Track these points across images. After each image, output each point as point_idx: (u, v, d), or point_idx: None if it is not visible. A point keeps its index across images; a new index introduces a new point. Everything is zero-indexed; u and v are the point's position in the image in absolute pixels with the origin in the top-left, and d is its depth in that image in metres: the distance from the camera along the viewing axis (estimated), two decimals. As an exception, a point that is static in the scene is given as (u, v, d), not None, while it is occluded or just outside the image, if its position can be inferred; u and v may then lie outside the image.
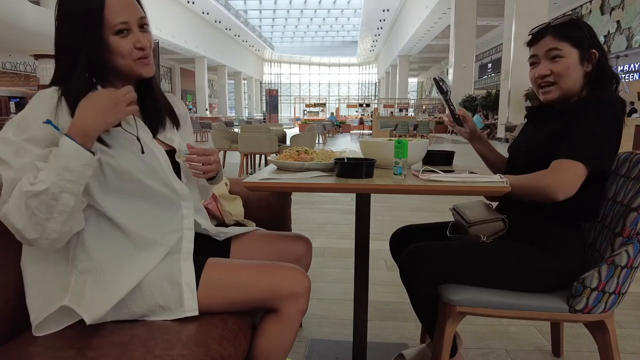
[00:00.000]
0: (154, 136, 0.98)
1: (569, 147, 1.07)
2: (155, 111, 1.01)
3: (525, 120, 1.37)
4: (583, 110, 1.09)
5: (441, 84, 1.34)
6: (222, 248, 1.16)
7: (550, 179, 1.05)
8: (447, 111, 1.39)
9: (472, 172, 1.13)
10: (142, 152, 0.92)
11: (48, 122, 0.82)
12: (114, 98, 0.84)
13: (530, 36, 1.21)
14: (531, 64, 1.21)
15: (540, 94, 1.20)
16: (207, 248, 1.09)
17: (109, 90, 0.87)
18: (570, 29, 1.14)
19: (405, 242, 1.32)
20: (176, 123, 1.06)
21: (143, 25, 0.91)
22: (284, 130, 6.83)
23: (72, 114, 0.83)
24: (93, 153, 0.82)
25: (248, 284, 0.96)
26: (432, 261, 1.15)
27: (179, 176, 1.02)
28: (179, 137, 1.05)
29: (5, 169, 0.79)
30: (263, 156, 6.92)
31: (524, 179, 1.09)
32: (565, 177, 1.05)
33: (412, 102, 28.53)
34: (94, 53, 0.86)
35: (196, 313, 0.91)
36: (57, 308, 0.85)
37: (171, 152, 1.01)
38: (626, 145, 8.11)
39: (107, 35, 0.86)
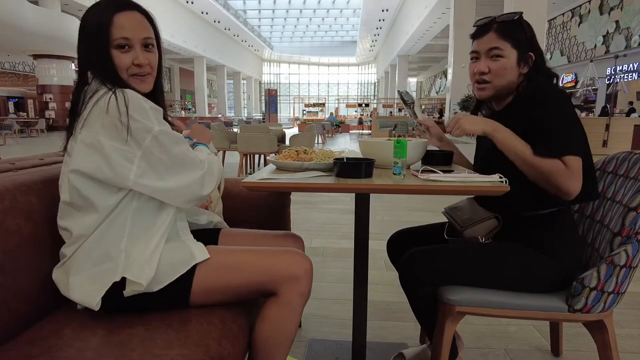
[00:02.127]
0: None
1: (561, 143, 1.03)
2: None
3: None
4: (550, 107, 1.07)
5: (404, 96, 1.39)
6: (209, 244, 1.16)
7: (571, 181, 1.01)
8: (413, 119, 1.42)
9: (471, 172, 1.13)
10: None
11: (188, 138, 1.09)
12: None
13: (475, 28, 1.21)
14: (472, 59, 1.22)
15: (475, 89, 1.22)
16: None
17: None
18: (514, 29, 1.15)
19: (403, 245, 1.32)
20: None
21: (148, 45, 0.98)
22: (283, 130, 6.82)
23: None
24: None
25: (246, 266, 0.98)
26: (432, 266, 1.15)
27: None
28: None
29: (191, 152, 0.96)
30: (262, 156, 6.92)
31: (538, 161, 1.03)
32: (578, 175, 1.02)
33: (412, 102, 28.46)
34: (100, 62, 0.94)
35: (207, 256, 0.97)
36: (109, 285, 0.90)
37: None
38: (625, 145, 8.12)
39: (110, 48, 0.94)
